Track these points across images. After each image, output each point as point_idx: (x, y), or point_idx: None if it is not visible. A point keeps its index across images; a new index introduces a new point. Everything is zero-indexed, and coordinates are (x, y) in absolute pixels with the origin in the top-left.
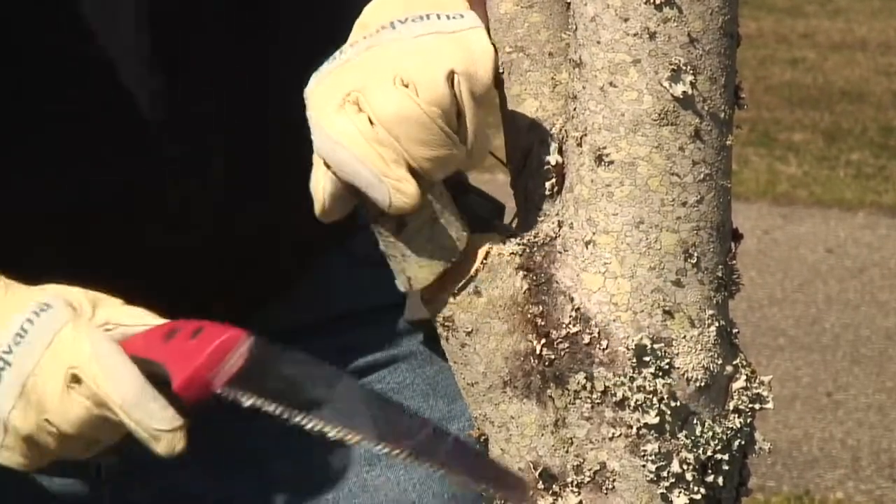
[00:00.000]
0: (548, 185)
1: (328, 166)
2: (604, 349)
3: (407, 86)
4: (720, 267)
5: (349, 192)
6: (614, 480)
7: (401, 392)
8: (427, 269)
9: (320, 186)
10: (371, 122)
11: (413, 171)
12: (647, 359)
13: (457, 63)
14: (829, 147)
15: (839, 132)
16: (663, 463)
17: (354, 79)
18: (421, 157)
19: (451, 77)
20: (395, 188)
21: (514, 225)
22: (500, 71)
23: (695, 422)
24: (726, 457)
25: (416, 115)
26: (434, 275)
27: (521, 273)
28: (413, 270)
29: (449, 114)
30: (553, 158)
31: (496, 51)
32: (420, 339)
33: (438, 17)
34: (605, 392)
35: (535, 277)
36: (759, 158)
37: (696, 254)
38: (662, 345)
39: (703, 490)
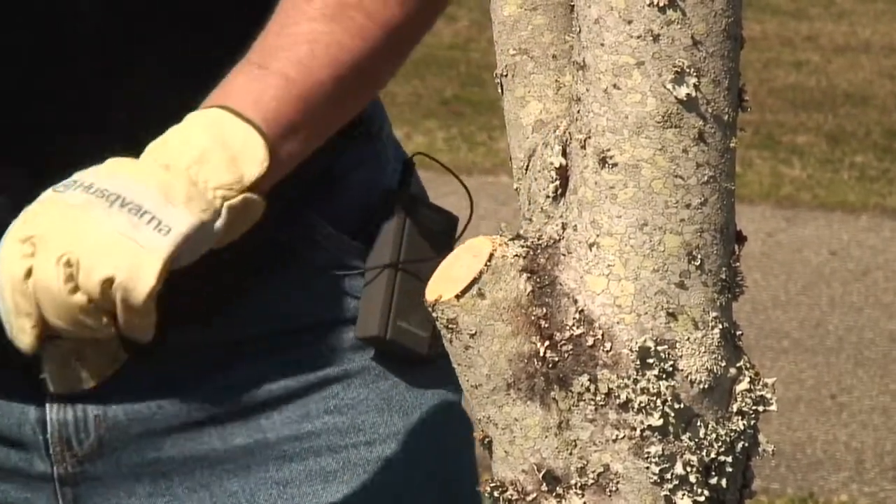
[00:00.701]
0: (551, 187)
1: None
2: (607, 351)
3: (71, 266)
4: (724, 269)
5: None
6: (618, 482)
7: (355, 407)
8: (62, 387)
9: None
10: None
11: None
12: (650, 361)
13: (121, 274)
14: (833, 150)
15: (843, 135)
16: (667, 465)
17: (50, 226)
18: (53, 323)
19: (108, 282)
20: (15, 331)
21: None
22: (504, 74)
23: (698, 424)
24: (730, 459)
25: (57, 295)
26: (68, 390)
27: (524, 275)
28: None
29: (96, 308)
30: (557, 161)
31: (157, 283)
32: (371, 354)
33: (151, 221)
34: (608, 394)
35: (538, 280)
36: (763, 161)
37: (699, 256)
38: (666, 347)
39: (706, 492)
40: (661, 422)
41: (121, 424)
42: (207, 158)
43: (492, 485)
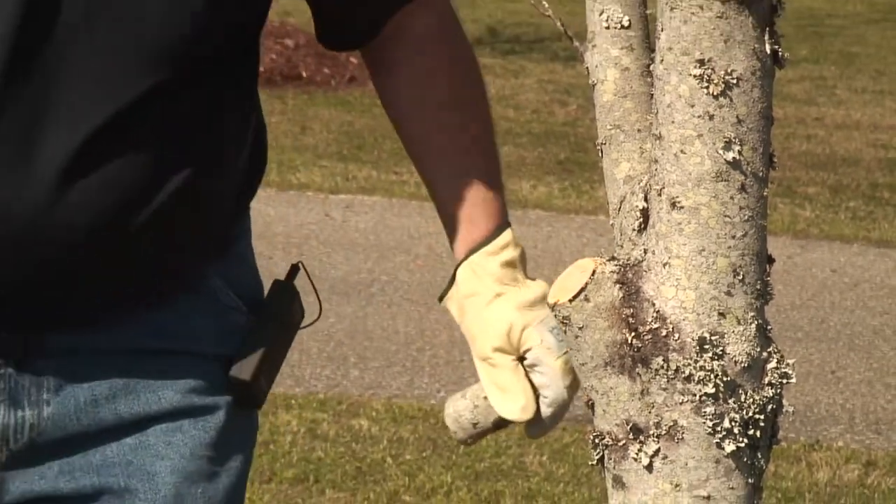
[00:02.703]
0: (636, 223)
1: None
2: (676, 340)
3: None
4: (759, 282)
5: None
6: (683, 433)
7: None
8: None
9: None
10: None
11: None
12: (706, 347)
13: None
14: (833, 198)
15: (840, 187)
16: (718, 421)
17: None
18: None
19: None
20: None
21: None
22: (603, 143)
23: (740, 391)
24: (762, 416)
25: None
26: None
27: (617, 285)
28: None
29: None
30: (640, 204)
31: None
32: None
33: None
34: (676, 371)
35: (627, 289)
36: (784, 205)
37: (742, 272)
38: (717, 337)
39: (745, 440)
40: (713, 390)
41: (47, 428)
42: None
43: (594, 434)
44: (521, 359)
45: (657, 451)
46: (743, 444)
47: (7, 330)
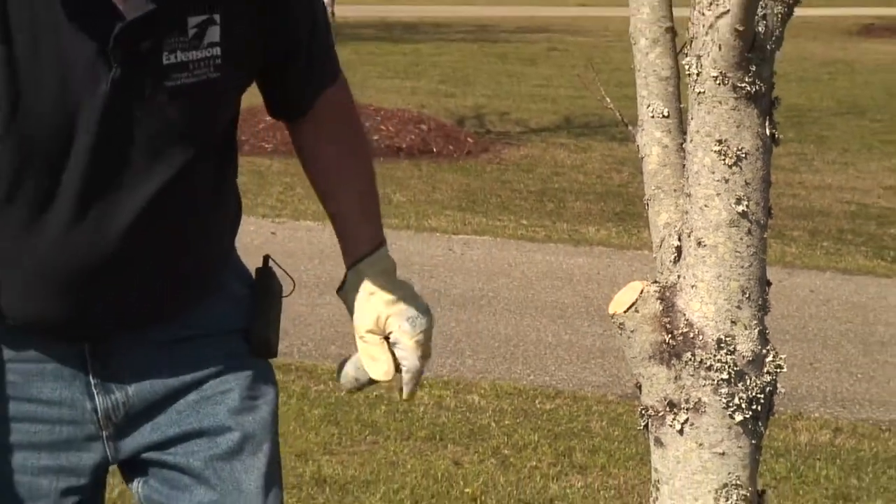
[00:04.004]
0: (672, 257)
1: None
2: (700, 340)
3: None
4: (760, 298)
5: None
6: (705, 407)
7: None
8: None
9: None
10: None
11: None
12: (722, 345)
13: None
14: (812, 239)
15: (816, 231)
16: (730, 398)
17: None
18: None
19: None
20: None
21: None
22: (648, 199)
23: (746, 378)
24: (762, 396)
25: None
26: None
27: (658, 301)
28: None
29: None
30: (675, 243)
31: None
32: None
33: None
34: (701, 362)
35: (666, 303)
36: (776, 244)
37: (748, 292)
38: (730, 338)
39: (750, 413)
40: (727, 376)
41: (135, 402)
42: None
43: (641, 407)
44: (386, 339)
45: (686, 420)
46: (748, 416)
47: (93, 339)
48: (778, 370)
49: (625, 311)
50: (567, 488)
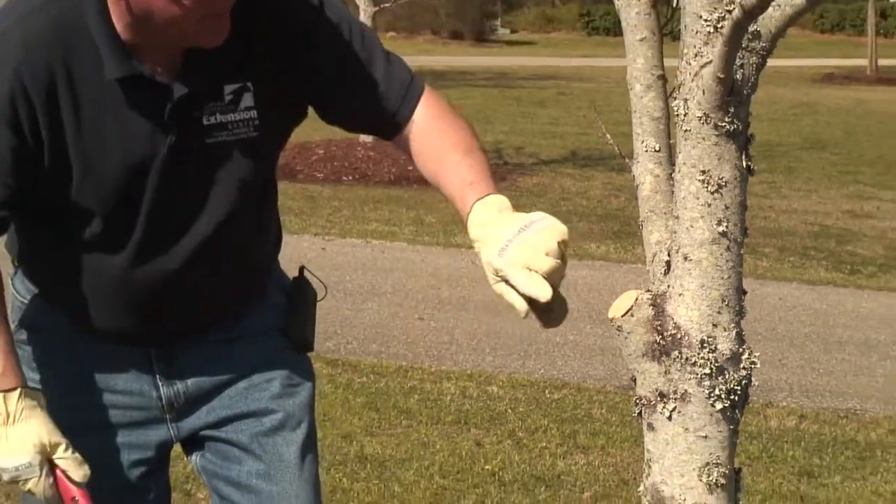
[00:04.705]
0: (662, 269)
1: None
2: (687, 340)
3: (548, 255)
4: (738, 305)
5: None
6: (690, 397)
7: (286, 362)
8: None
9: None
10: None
11: None
12: (705, 345)
13: (561, 236)
14: (780, 255)
15: (785, 248)
16: (712, 390)
17: (522, 255)
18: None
19: (562, 244)
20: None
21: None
22: (642, 221)
23: (726, 372)
24: (739, 387)
25: (558, 268)
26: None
27: (651, 307)
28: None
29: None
30: (665, 258)
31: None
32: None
33: (532, 222)
34: (687, 359)
35: (657, 309)
36: (750, 258)
37: (727, 300)
38: (712, 339)
39: (729, 402)
40: (709, 371)
41: (193, 391)
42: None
43: (635, 397)
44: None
45: (675, 408)
46: (727, 404)
47: (158, 345)
48: (752, 366)
49: (622, 316)
50: (572, 465)
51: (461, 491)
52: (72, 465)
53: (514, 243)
